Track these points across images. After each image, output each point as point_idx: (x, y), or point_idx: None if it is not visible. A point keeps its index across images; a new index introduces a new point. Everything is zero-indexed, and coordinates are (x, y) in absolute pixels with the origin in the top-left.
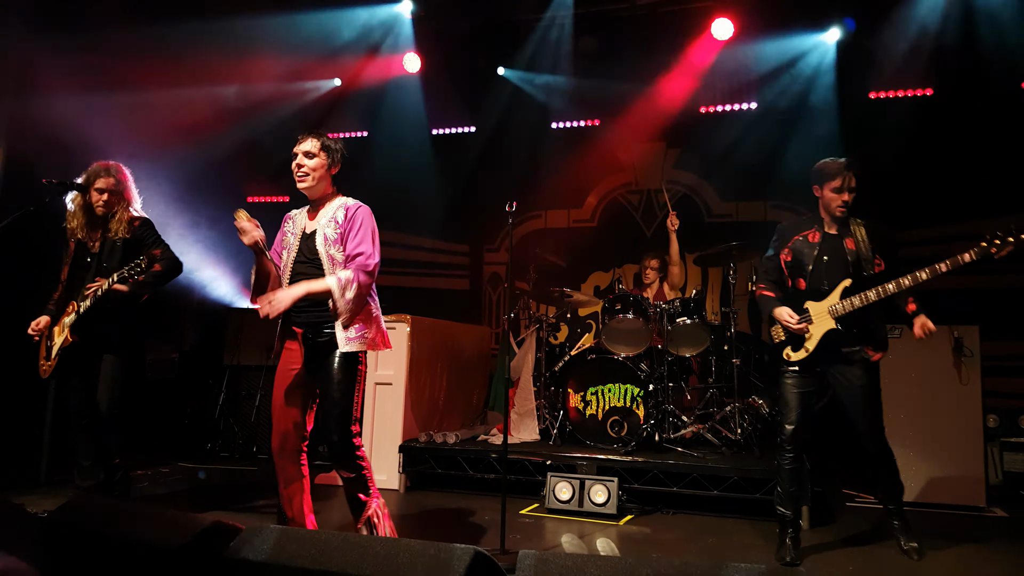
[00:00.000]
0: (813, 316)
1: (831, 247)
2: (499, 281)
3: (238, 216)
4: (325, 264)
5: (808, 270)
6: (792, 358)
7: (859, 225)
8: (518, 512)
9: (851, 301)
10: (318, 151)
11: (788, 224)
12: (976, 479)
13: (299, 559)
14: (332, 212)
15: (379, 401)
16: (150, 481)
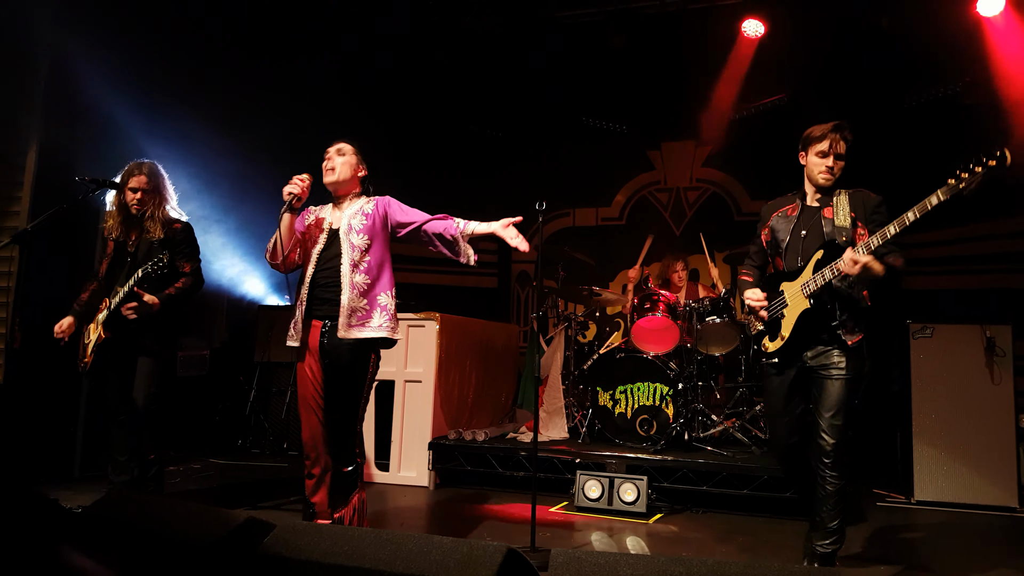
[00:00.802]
0: (788, 298)
1: (809, 220)
2: (527, 279)
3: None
4: (345, 252)
5: (783, 247)
6: (769, 348)
7: (841, 193)
8: (548, 510)
9: (822, 274)
10: (350, 151)
11: (771, 202)
12: (1008, 480)
13: (332, 555)
14: (359, 207)
15: (408, 398)
16: (182, 477)
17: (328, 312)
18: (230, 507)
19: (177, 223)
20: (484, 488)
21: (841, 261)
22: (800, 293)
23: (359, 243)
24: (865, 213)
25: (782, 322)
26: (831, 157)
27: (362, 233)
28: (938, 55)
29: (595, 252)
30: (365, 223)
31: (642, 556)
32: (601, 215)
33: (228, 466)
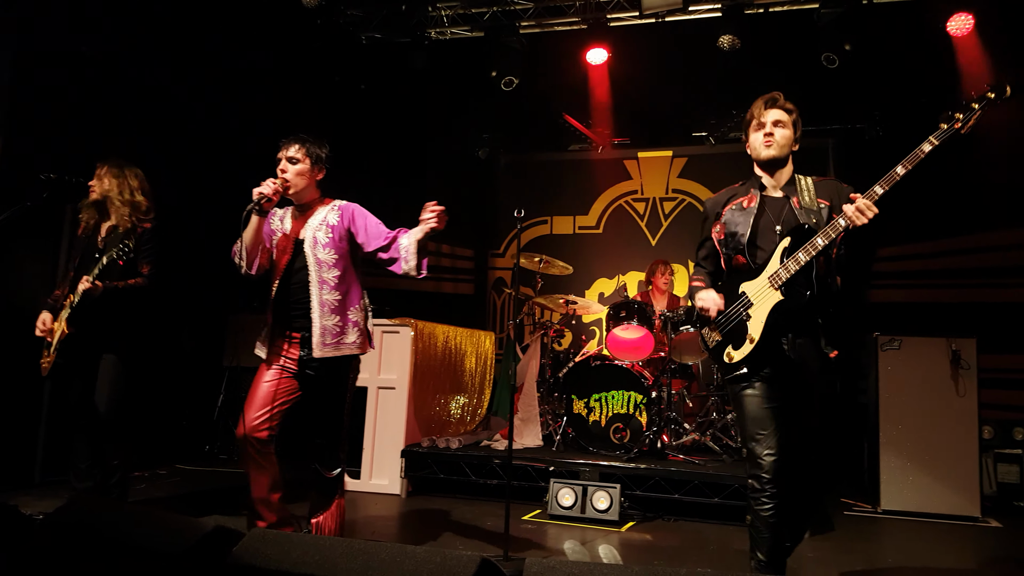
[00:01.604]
0: (752, 297)
1: (778, 211)
2: (504, 286)
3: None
4: (311, 267)
5: (743, 240)
6: (735, 358)
7: (805, 179)
8: (520, 518)
9: (796, 258)
10: (302, 156)
11: (716, 196)
12: (971, 490)
13: (303, 565)
14: (323, 216)
15: (381, 405)
16: (148, 483)
17: (299, 327)
18: (198, 515)
19: (147, 223)
20: (457, 496)
21: (844, 216)
22: (768, 286)
23: (325, 258)
24: (840, 199)
25: (748, 324)
26: (768, 124)
27: (328, 248)
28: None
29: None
30: (331, 236)
31: (615, 566)
32: (578, 224)
33: (195, 473)
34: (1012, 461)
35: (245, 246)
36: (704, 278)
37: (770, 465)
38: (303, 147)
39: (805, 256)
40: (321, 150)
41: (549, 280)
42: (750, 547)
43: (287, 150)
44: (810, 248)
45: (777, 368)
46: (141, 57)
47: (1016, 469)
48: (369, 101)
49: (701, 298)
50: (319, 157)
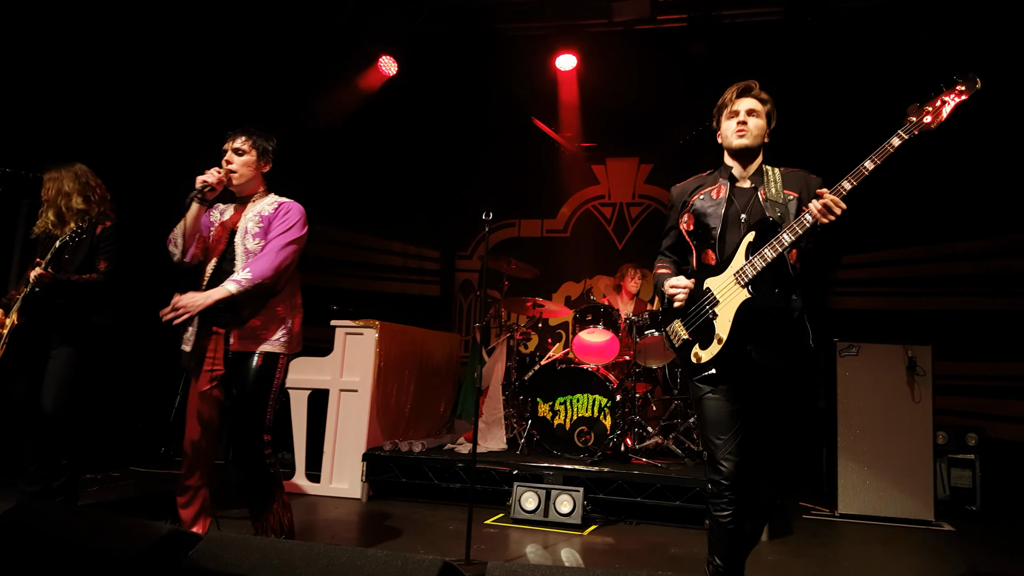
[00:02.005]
0: (718, 294)
1: (746, 202)
2: (471, 288)
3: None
4: (239, 257)
5: (715, 234)
6: (703, 358)
7: (773, 170)
8: (483, 522)
9: (762, 255)
10: (248, 148)
11: (683, 184)
12: (926, 494)
13: (261, 569)
14: (260, 207)
15: (343, 408)
16: (100, 486)
17: (223, 321)
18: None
19: (108, 221)
20: (419, 500)
21: (808, 212)
22: (734, 283)
23: (252, 248)
24: (808, 192)
25: (715, 323)
26: (742, 113)
27: (257, 238)
28: None
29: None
30: (261, 227)
31: (577, 569)
32: (546, 227)
33: (150, 475)
34: (965, 466)
35: (183, 232)
36: (670, 266)
37: (729, 471)
38: (250, 138)
39: (772, 253)
40: (268, 143)
41: (516, 283)
42: (708, 551)
43: (233, 141)
44: (776, 245)
45: (742, 371)
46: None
47: (969, 474)
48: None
49: (672, 284)
50: (266, 150)
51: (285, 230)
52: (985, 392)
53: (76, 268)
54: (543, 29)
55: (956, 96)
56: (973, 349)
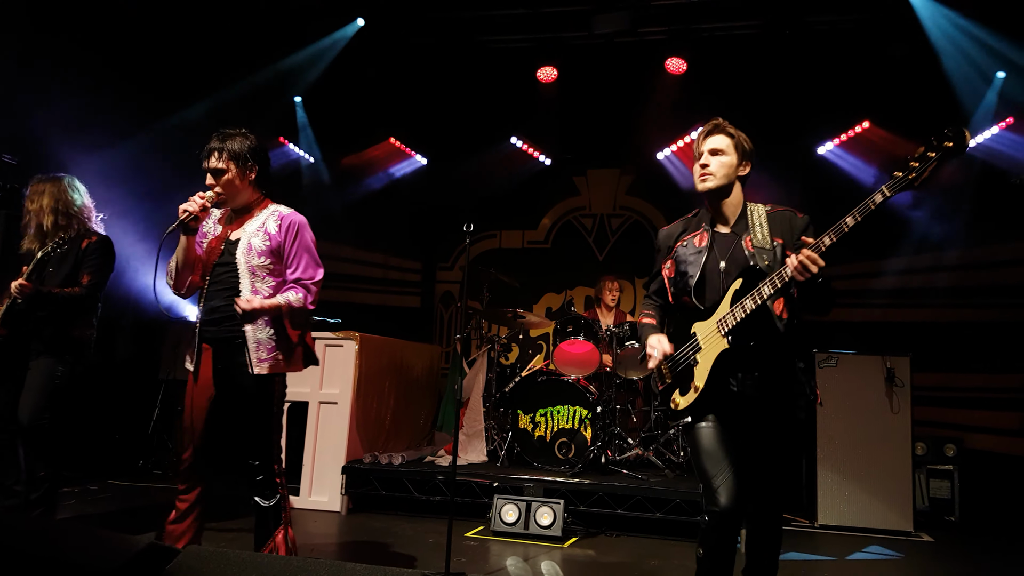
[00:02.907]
0: (701, 340)
1: (725, 250)
2: (451, 300)
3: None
4: (243, 274)
5: (692, 283)
6: (680, 405)
7: (757, 210)
8: (463, 535)
9: (741, 306)
10: (226, 164)
11: (668, 228)
12: (905, 505)
13: None
14: (262, 221)
15: (323, 420)
16: (78, 499)
17: (214, 335)
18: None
19: (94, 236)
20: (399, 513)
21: (788, 266)
22: (716, 332)
23: (259, 265)
24: (792, 237)
25: (695, 370)
26: (705, 155)
27: (263, 256)
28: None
29: (521, 274)
30: (268, 245)
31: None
32: (527, 238)
33: (128, 488)
34: (944, 477)
35: (176, 267)
36: (654, 313)
37: (725, 502)
38: (223, 153)
39: (751, 304)
40: (244, 145)
41: (497, 294)
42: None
43: (208, 161)
44: (756, 297)
45: (728, 408)
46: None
47: (947, 485)
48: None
49: (650, 344)
50: (244, 157)
51: (306, 252)
52: (963, 403)
53: (60, 281)
54: (524, 41)
55: (944, 153)
56: (952, 360)
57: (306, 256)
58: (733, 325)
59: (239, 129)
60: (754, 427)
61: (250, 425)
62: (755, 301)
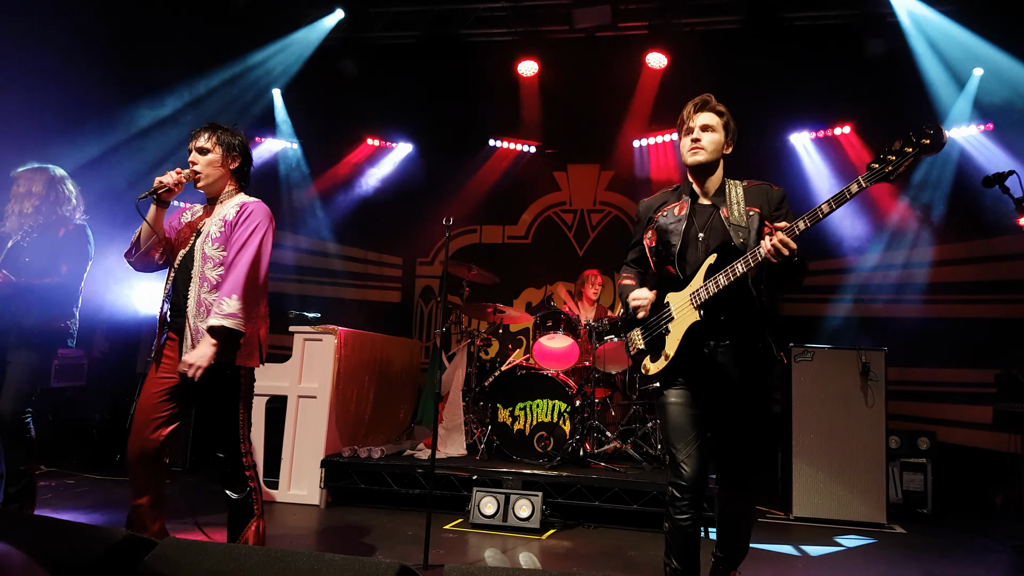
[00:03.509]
0: (674, 311)
1: (705, 220)
2: (431, 294)
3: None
4: (196, 263)
5: (675, 252)
6: (651, 370)
7: (735, 186)
8: (442, 527)
9: (715, 280)
10: (213, 146)
11: (650, 200)
12: (878, 498)
13: (218, 574)
14: (225, 209)
15: (302, 414)
16: (55, 493)
17: (179, 326)
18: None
19: (71, 225)
20: (379, 507)
21: (761, 248)
22: (688, 304)
23: (212, 254)
24: (769, 209)
25: (666, 339)
26: (696, 129)
27: (217, 243)
28: None
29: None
30: (222, 232)
31: (534, 571)
32: (507, 233)
33: (106, 482)
34: (917, 470)
35: (139, 235)
36: (634, 276)
37: (690, 474)
38: (213, 135)
39: (724, 280)
40: (235, 138)
41: (477, 289)
42: (664, 553)
43: (197, 140)
44: (730, 273)
45: (698, 377)
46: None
47: (921, 478)
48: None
49: (635, 296)
50: (232, 145)
51: (246, 237)
52: (937, 397)
53: (38, 272)
54: (505, 35)
55: (920, 150)
56: (926, 355)
57: (248, 253)
58: (705, 299)
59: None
60: (723, 395)
61: (215, 418)
62: (728, 278)
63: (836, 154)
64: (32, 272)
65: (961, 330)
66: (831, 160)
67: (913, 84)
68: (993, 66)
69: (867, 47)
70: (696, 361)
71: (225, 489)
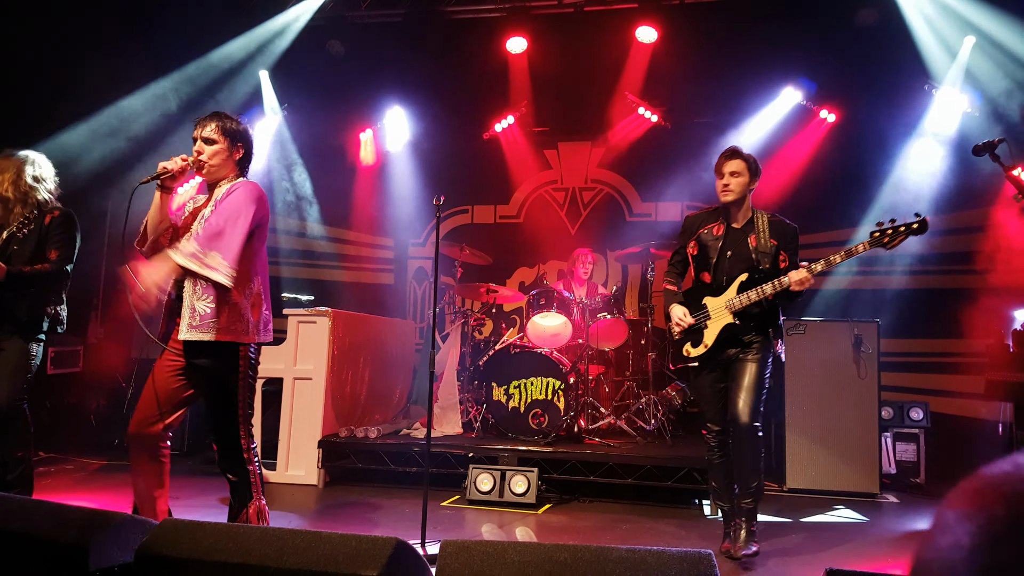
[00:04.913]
0: (711, 311)
1: (735, 242)
2: (424, 276)
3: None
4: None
5: (712, 263)
6: (692, 354)
7: (762, 217)
8: (439, 504)
9: (747, 295)
10: (219, 136)
11: (695, 216)
12: (871, 468)
13: (215, 553)
14: (222, 192)
15: (298, 396)
16: (53, 478)
17: (178, 310)
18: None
19: (56, 211)
20: (376, 485)
21: (787, 278)
22: (724, 309)
23: (197, 228)
24: (785, 242)
25: (704, 332)
26: (725, 176)
27: (206, 220)
28: None
29: (493, 249)
30: (213, 211)
31: (529, 544)
32: (499, 212)
33: (104, 466)
34: (909, 440)
35: (147, 222)
36: (675, 280)
37: (716, 430)
38: (219, 125)
39: (755, 296)
40: (240, 127)
41: (470, 269)
42: (708, 479)
43: (203, 129)
44: (760, 292)
45: (725, 359)
46: None
47: (913, 448)
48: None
49: (677, 316)
50: (236, 134)
51: (230, 209)
52: (929, 368)
53: (27, 259)
54: (493, 11)
55: (908, 231)
56: (918, 326)
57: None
58: (739, 308)
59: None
60: (737, 368)
61: (212, 399)
62: (759, 294)
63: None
64: (20, 260)
65: (954, 301)
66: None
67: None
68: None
69: (858, 17)
70: (725, 348)
71: (224, 471)
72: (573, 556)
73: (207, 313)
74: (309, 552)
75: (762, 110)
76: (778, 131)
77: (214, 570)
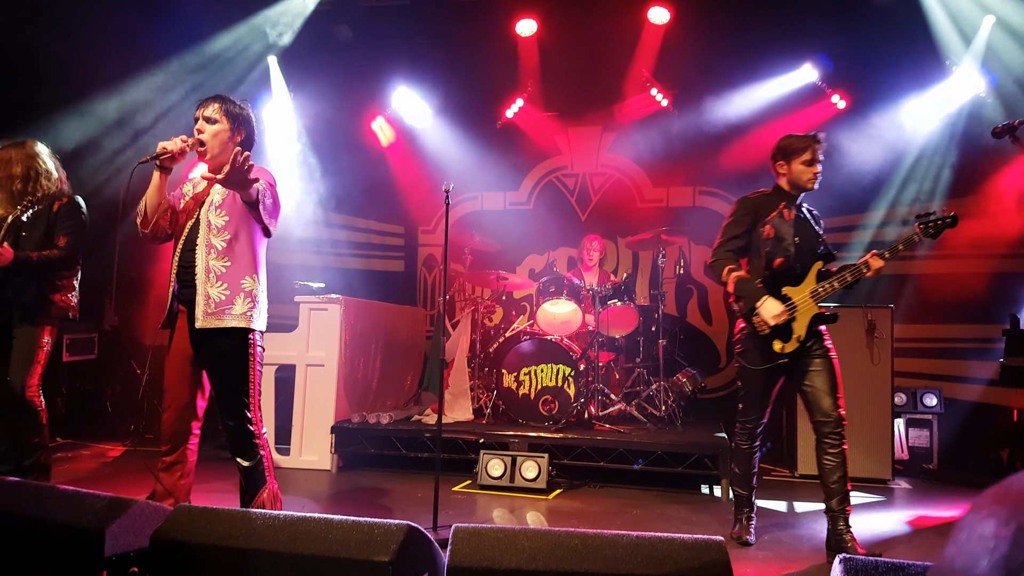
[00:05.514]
0: (797, 302)
1: (804, 228)
2: (434, 263)
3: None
4: (202, 230)
5: (790, 251)
6: (786, 350)
7: (804, 203)
8: (451, 489)
9: (831, 284)
10: (220, 116)
11: (753, 199)
12: (883, 454)
13: (230, 539)
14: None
15: (311, 383)
16: (70, 463)
17: (188, 297)
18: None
19: (65, 198)
20: (388, 470)
21: (866, 266)
22: (810, 299)
23: (216, 221)
24: (822, 230)
25: (793, 325)
26: (817, 164)
27: (221, 209)
28: None
29: (503, 236)
30: (224, 197)
31: (540, 530)
32: (509, 199)
33: (120, 452)
34: (923, 426)
35: (146, 203)
36: (737, 266)
37: (755, 423)
38: (222, 107)
39: (839, 284)
40: (242, 110)
41: (480, 256)
42: (731, 464)
43: (204, 109)
44: (842, 280)
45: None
46: None
47: (926, 434)
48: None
49: (773, 312)
50: (239, 117)
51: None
52: (942, 353)
53: (35, 245)
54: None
55: (946, 224)
56: (932, 312)
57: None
58: (824, 296)
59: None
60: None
61: (224, 385)
62: (842, 282)
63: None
64: (28, 246)
65: (968, 285)
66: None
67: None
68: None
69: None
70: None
71: (236, 457)
72: (584, 542)
73: (222, 300)
74: (321, 538)
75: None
76: (790, 111)
77: (228, 556)
